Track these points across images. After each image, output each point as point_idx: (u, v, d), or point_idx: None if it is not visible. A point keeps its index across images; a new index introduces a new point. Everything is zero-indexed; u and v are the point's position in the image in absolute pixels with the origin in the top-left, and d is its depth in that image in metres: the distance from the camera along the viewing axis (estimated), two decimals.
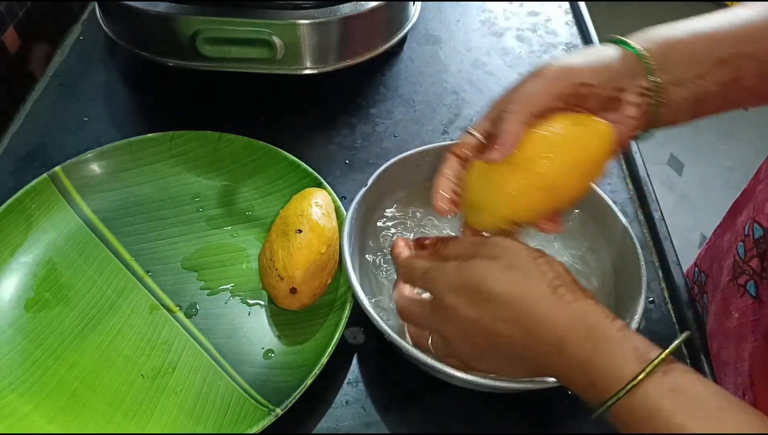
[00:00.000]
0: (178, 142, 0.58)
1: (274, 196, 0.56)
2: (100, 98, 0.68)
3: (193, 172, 0.58)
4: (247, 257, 0.53)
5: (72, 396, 0.44)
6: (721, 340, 0.51)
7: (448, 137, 0.65)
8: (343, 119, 0.66)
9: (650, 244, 0.56)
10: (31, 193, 0.53)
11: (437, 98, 0.69)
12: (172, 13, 0.60)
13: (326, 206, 0.51)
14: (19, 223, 0.52)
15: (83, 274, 0.51)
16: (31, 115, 0.65)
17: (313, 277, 0.47)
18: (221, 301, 0.50)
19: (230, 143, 0.58)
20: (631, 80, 0.39)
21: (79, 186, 0.55)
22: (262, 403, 0.43)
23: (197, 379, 0.45)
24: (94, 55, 0.73)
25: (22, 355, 0.46)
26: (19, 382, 0.45)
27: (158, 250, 0.53)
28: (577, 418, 0.45)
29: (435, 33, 0.78)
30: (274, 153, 0.57)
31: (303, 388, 0.42)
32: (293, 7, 0.61)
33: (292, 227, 0.48)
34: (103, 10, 0.68)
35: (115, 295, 0.50)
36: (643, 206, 0.59)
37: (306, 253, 0.46)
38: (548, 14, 0.82)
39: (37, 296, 0.50)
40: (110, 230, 0.54)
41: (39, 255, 0.52)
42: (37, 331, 0.48)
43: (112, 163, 0.57)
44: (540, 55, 0.75)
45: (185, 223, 0.55)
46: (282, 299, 0.47)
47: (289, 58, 0.62)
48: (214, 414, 0.44)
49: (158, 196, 0.57)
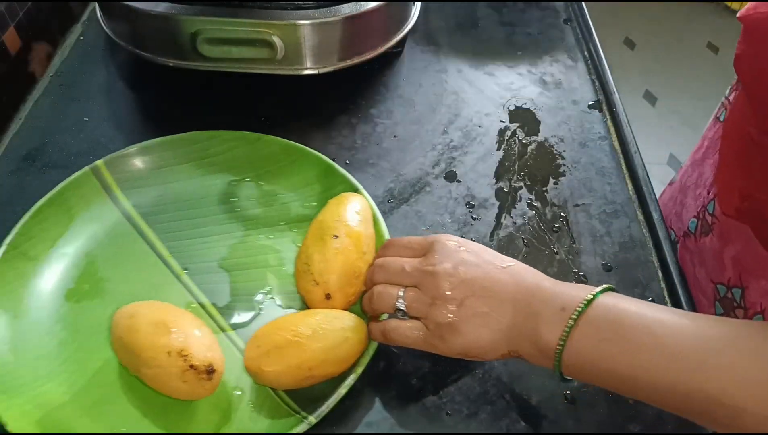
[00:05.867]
0: (218, 141, 0.58)
1: (310, 199, 0.56)
2: (100, 98, 0.68)
3: (231, 171, 0.58)
4: (282, 260, 0.52)
5: (108, 389, 0.44)
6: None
7: (447, 137, 0.65)
8: (343, 119, 0.66)
9: (650, 244, 0.56)
10: (73, 186, 0.54)
11: (437, 98, 0.69)
12: (172, 14, 0.60)
13: (363, 212, 0.50)
14: (60, 215, 0.52)
15: (122, 268, 0.51)
16: (31, 115, 0.65)
17: (348, 284, 0.46)
18: (256, 303, 0.50)
19: (268, 144, 0.58)
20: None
21: (119, 180, 0.56)
22: (294, 408, 0.43)
23: (231, 379, 0.45)
24: (94, 55, 0.73)
25: (61, 345, 0.46)
26: (57, 373, 0.45)
27: (195, 248, 0.53)
28: (577, 418, 0.45)
29: (435, 33, 0.78)
30: (311, 156, 0.57)
31: (337, 398, 0.42)
32: (294, 8, 0.61)
33: (328, 232, 0.47)
34: (104, 10, 0.68)
35: (152, 290, 0.50)
36: (643, 206, 0.59)
37: (342, 259, 0.46)
38: (548, 14, 0.82)
39: (77, 287, 0.50)
40: (149, 226, 0.54)
41: (79, 247, 0.52)
42: (76, 322, 0.48)
43: (153, 159, 0.57)
44: (540, 56, 0.75)
45: (222, 223, 0.55)
46: (316, 304, 0.46)
47: (289, 58, 0.62)
48: (247, 415, 0.44)
49: (196, 194, 0.57)
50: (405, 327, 0.43)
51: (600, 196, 0.60)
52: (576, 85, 0.72)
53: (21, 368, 0.44)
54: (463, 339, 0.41)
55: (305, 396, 0.44)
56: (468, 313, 0.40)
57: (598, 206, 0.59)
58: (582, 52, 0.76)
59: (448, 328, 0.41)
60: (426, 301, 0.42)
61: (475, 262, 0.42)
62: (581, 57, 0.75)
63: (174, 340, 0.41)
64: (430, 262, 0.42)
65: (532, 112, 0.68)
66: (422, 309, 0.42)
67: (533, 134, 0.66)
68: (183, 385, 0.41)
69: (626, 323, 0.37)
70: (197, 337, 0.42)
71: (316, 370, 0.42)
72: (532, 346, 0.40)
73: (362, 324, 0.44)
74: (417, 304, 0.42)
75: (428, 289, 0.42)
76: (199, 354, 0.41)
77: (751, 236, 0.48)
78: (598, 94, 0.70)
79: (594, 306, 0.38)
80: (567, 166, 0.63)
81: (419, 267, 0.43)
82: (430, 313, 0.41)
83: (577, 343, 0.38)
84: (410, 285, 0.43)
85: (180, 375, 0.40)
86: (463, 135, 0.65)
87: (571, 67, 0.74)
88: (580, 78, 0.73)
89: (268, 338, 0.44)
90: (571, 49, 0.76)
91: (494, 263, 0.42)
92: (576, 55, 0.76)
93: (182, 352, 0.41)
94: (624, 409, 0.45)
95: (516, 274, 0.42)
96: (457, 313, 0.41)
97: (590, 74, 0.73)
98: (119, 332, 0.43)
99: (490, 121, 0.67)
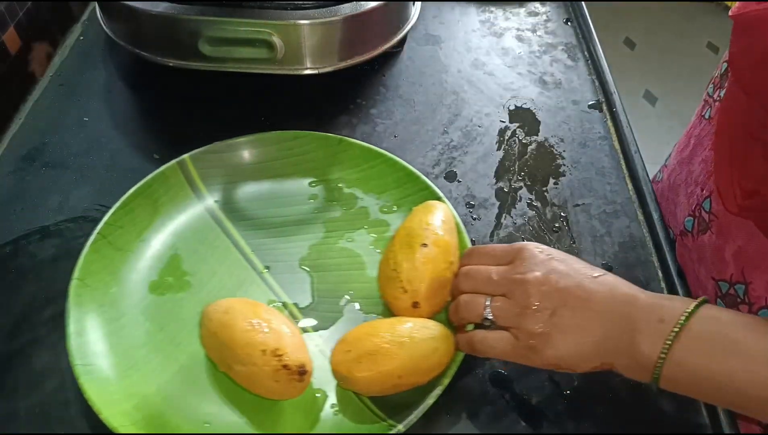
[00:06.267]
0: (300, 142, 0.59)
1: (390, 204, 0.56)
2: (100, 98, 0.68)
3: (311, 173, 0.58)
4: (363, 264, 0.52)
5: (193, 384, 0.45)
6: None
7: (447, 137, 0.65)
8: (343, 119, 0.66)
9: (650, 244, 0.56)
10: (159, 178, 0.54)
11: (437, 98, 0.69)
12: (172, 14, 0.60)
13: (449, 221, 0.50)
14: (146, 207, 0.53)
15: (205, 263, 0.52)
16: (31, 115, 0.65)
17: (436, 294, 0.46)
18: (338, 306, 0.50)
19: (349, 148, 0.58)
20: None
21: (203, 175, 0.56)
22: (379, 415, 0.43)
23: (314, 381, 0.45)
24: (94, 55, 0.73)
25: (146, 336, 0.47)
26: (143, 363, 0.45)
27: (276, 247, 0.53)
28: (577, 418, 0.45)
29: (435, 33, 0.78)
30: (392, 162, 0.57)
31: (424, 408, 0.42)
32: (294, 8, 0.61)
33: (417, 240, 0.47)
34: (104, 10, 0.68)
35: (235, 287, 0.50)
36: (643, 206, 0.59)
37: (431, 267, 0.46)
38: (548, 14, 0.82)
39: (161, 280, 0.50)
40: (231, 222, 0.55)
41: (163, 239, 0.53)
42: (160, 314, 0.48)
43: (236, 156, 0.58)
44: (540, 56, 0.75)
45: (302, 223, 0.55)
46: (402, 312, 0.46)
47: (289, 58, 0.62)
48: (331, 418, 0.43)
49: (277, 193, 0.57)
50: (492, 338, 0.42)
51: (600, 196, 0.60)
52: (576, 85, 0.72)
53: (113, 357, 0.45)
54: (555, 350, 0.39)
55: (387, 403, 0.43)
56: (560, 323, 0.39)
57: (598, 206, 0.59)
58: (582, 52, 0.76)
59: (540, 339, 0.39)
60: (515, 310, 0.41)
61: (565, 271, 0.41)
62: (581, 57, 0.75)
63: (269, 338, 0.41)
64: (519, 271, 0.41)
65: (532, 112, 0.68)
66: (511, 318, 0.41)
67: (533, 134, 0.66)
68: (274, 385, 0.41)
69: (730, 335, 0.37)
70: (290, 338, 0.42)
71: (405, 378, 0.42)
72: (628, 359, 0.39)
73: (450, 335, 0.44)
74: (505, 313, 0.41)
75: (518, 298, 0.41)
76: (292, 354, 0.41)
77: (754, 231, 0.47)
78: (598, 94, 0.70)
79: (695, 318, 0.37)
80: (567, 166, 0.63)
81: (507, 275, 0.42)
82: (520, 322, 0.40)
83: (679, 355, 0.37)
84: (498, 294, 0.42)
85: (272, 374, 0.40)
86: (463, 135, 0.65)
87: (571, 67, 0.74)
88: (580, 78, 0.73)
89: (359, 343, 0.43)
90: (571, 49, 0.76)
91: (585, 273, 0.41)
92: (576, 55, 0.76)
93: (277, 352, 0.41)
94: (624, 409, 0.45)
95: (609, 284, 0.40)
96: (549, 323, 0.39)
97: (590, 74, 0.73)
98: (213, 327, 0.43)
99: (490, 121, 0.67)
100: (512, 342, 0.41)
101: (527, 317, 0.40)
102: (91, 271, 0.48)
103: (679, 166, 0.62)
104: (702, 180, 0.56)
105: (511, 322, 0.41)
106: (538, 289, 0.40)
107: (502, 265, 0.44)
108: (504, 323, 0.41)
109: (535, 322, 0.40)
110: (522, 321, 0.40)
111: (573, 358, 0.40)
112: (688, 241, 0.56)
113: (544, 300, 0.40)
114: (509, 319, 0.41)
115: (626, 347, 0.38)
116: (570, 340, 0.39)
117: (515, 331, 0.41)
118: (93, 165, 0.60)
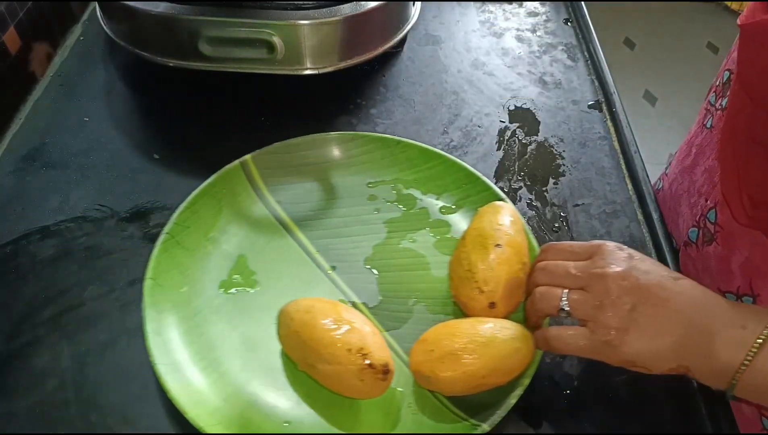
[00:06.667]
0: (359, 142, 0.59)
1: (451, 205, 0.56)
2: (101, 98, 0.68)
3: (370, 173, 0.59)
4: (427, 265, 0.52)
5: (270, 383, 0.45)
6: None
7: (447, 137, 0.65)
8: (343, 119, 0.66)
9: (650, 244, 0.56)
10: (223, 178, 0.55)
11: (437, 98, 0.70)
12: (172, 14, 0.60)
13: (517, 223, 0.49)
14: (211, 207, 0.54)
15: (272, 262, 0.52)
16: (31, 115, 0.65)
17: (511, 294, 0.46)
18: (406, 305, 0.50)
19: (407, 149, 0.59)
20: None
21: (264, 175, 0.57)
22: (460, 414, 0.43)
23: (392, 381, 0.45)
24: (94, 55, 0.73)
25: (221, 335, 0.47)
26: (220, 362, 0.45)
27: (341, 247, 0.53)
28: (577, 418, 0.45)
29: (435, 33, 0.78)
30: (451, 163, 0.57)
31: (507, 408, 0.42)
32: (294, 8, 0.61)
33: (490, 240, 0.47)
34: (104, 10, 0.68)
35: (303, 286, 0.51)
36: (643, 206, 0.59)
37: (506, 268, 0.45)
38: (548, 15, 0.82)
39: (230, 279, 0.51)
40: (294, 222, 0.55)
41: (229, 238, 0.53)
42: (232, 313, 0.48)
43: (296, 156, 0.58)
44: (540, 56, 0.75)
45: (364, 223, 0.55)
46: (477, 312, 0.46)
47: (289, 59, 0.62)
48: (410, 417, 0.43)
49: (337, 193, 0.57)
50: (567, 334, 0.41)
51: (600, 196, 0.60)
52: (576, 85, 0.72)
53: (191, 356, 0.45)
54: (631, 347, 0.39)
55: (465, 403, 0.43)
56: (639, 319, 0.39)
57: (598, 206, 0.59)
58: (582, 52, 0.76)
59: (617, 334, 0.39)
60: (593, 303, 0.40)
61: (646, 269, 0.40)
62: (581, 57, 0.75)
63: (353, 338, 0.41)
64: (599, 265, 0.41)
65: (532, 112, 0.68)
66: (588, 311, 0.40)
67: (533, 134, 0.66)
68: (359, 383, 0.41)
69: None
70: (372, 337, 0.42)
71: (488, 378, 0.42)
72: (704, 364, 0.38)
73: (530, 336, 0.43)
74: (583, 305, 0.40)
75: (596, 292, 0.40)
76: (376, 353, 0.41)
77: (761, 242, 0.47)
78: (598, 94, 0.71)
79: None
80: (567, 166, 0.63)
81: (587, 269, 0.41)
82: (598, 315, 0.40)
83: (762, 362, 0.36)
84: (575, 287, 0.41)
85: (357, 373, 0.40)
86: (463, 135, 0.65)
87: (571, 67, 0.74)
88: (579, 78, 0.73)
89: (441, 343, 0.42)
90: (571, 49, 0.76)
91: (665, 274, 0.41)
92: (576, 55, 0.76)
93: (362, 350, 0.41)
94: (624, 409, 0.45)
95: (689, 286, 0.40)
96: (628, 318, 0.39)
97: (590, 74, 0.73)
98: (295, 326, 0.43)
99: (490, 121, 0.67)
100: (587, 337, 0.40)
101: (605, 310, 0.39)
102: (163, 271, 0.49)
103: (681, 176, 0.61)
104: (706, 190, 0.55)
105: (588, 315, 0.40)
106: (619, 284, 0.39)
107: (579, 261, 0.43)
108: (580, 316, 0.41)
109: (613, 315, 0.39)
110: (599, 314, 0.39)
111: (650, 356, 0.39)
112: (692, 252, 0.56)
113: (623, 295, 0.39)
114: (586, 312, 0.40)
115: (704, 352, 0.38)
116: (648, 338, 0.39)
117: (592, 325, 0.40)
118: (93, 165, 0.60)
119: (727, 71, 0.56)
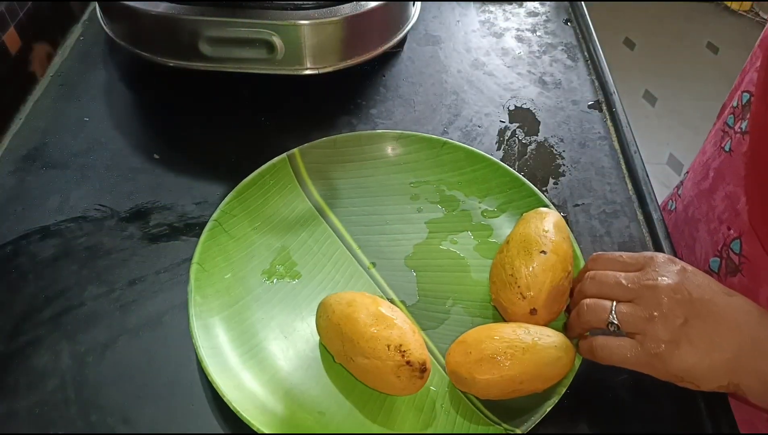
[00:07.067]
0: (404, 142, 0.60)
1: (493, 209, 0.56)
2: (101, 98, 0.68)
3: (413, 173, 0.59)
4: (467, 267, 0.52)
5: (306, 373, 0.45)
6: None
7: (447, 137, 0.65)
8: (343, 119, 0.66)
9: (650, 244, 0.56)
10: (271, 170, 0.56)
11: (437, 98, 0.70)
12: (172, 14, 0.60)
13: (563, 230, 0.49)
14: (258, 197, 0.55)
15: (313, 255, 0.53)
16: (31, 115, 0.65)
17: (554, 302, 0.45)
18: (444, 306, 0.50)
19: (452, 151, 0.59)
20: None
21: (310, 169, 0.58)
22: (492, 418, 0.43)
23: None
24: (94, 55, 0.73)
25: (259, 324, 0.47)
26: (258, 350, 0.46)
27: (382, 244, 0.54)
28: (578, 418, 0.45)
29: (435, 33, 0.78)
30: (496, 167, 0.57)
31: (542, 415, 0.42)
32: (294, 8, 0.61)
33: (535, 246, 0.46)
34: (104, 10, 0.68)
35: (343, 280, 0.51)
36: (643, 206, 0.59)
37: (551, 275, 0.45)
38: (548, 15, 0.82)
39: (272, 269, 0.51)
40: (337, 217, 0.55)
41: (273, 229, 0.54)
42: (271, 303, 0.49)
43: (341, 152, 0.59)
44: (539, 56, 0.75)
45: (406, 222, 0.55)
46: (518, 318, 0.45)
47: (289, 58, 0.62)
48: (443, 417, 0.43)
49: (380, 191, 0.58)
50: (614, 345, 0.40)
51: (600, 196, 0.60)
52: (576, 85, 0.72)
53: (230, 342, 0.46)
54: (681, 361, 0.38)
55: (497, 407, 0.43)
56: (691, 334, 0.38)
57: (598, 206, 0.59)
58: (582, 52, 0.76)
59: (668, 347, 0.38)
60: (643, 315, 0.39)
61: (699, 283, 0.39)
62: (581, 57, 0.75)
63: (393, 334, 0.41)
64: (650, 277, 0.40)
65: (531, 112, 0.68)
66: (638, 324, 0.39)
67: (533, 134, 0.66)
68: (396, 380, 0.41)
69: None
70: (412, 334, 0.42)
71: (525, 384, 0.42)
72: (758, 383, 0.37)
73: (571, 346, 0.43)
74: (632, 318, 0.39)
75: (648, 304, 0.39)
76: (415, 351, 0.41)
77: None
78: (598, 94, 0.71)
79: None
80: (567, 166, 0.63)
81: (638, 281, 0.40)
82: (647, 328, 0.39)
83: None
84: (625, 299, 0.41)
85: (395, 369, 0.41)
86: (463, 135, 0.65)
87: (570, 67, 0.74)
88: (579, 78, 0.73)
89: (480, 346, 0.42)
90: (571, 49, 0.76)
91: (718, 289, 0.40)
92: (576, 55, 0.76)
93: (401, 347, 0.41)
94: (624, 409, 0.45)
95: (744, 303, 0.39)
96: (679, 331, 0.38)
97: (590, 74, 0.73)
98: (336, 319, 0.43)
99: (490, 121, 0.67)
100: (635, 349, 0.39)
101: (656, 323, 0.38)
102: (209, 257, 0.49)
103: (698, 199, 0.59)
104: (727, 218, 0.53)
105: (638, 328, 0.39)
106: (671, 297, 0.39)
107: (629, 271, 0.42)
108: (629, 329, 0.40)
109: (664, 328, 0.38)
110: (650, 327, 0.39)
111: (701, 372, 0.38)
112: None
113: (676, 308, 0.38)
114: (636, 325, 0.39)
115: (758, 371, 0.37)
116: (701, 354, 0.38)
117: (640, 338, 0.39)
118: (93, 165, 0.61)
119: (747, 93, 0.54)
